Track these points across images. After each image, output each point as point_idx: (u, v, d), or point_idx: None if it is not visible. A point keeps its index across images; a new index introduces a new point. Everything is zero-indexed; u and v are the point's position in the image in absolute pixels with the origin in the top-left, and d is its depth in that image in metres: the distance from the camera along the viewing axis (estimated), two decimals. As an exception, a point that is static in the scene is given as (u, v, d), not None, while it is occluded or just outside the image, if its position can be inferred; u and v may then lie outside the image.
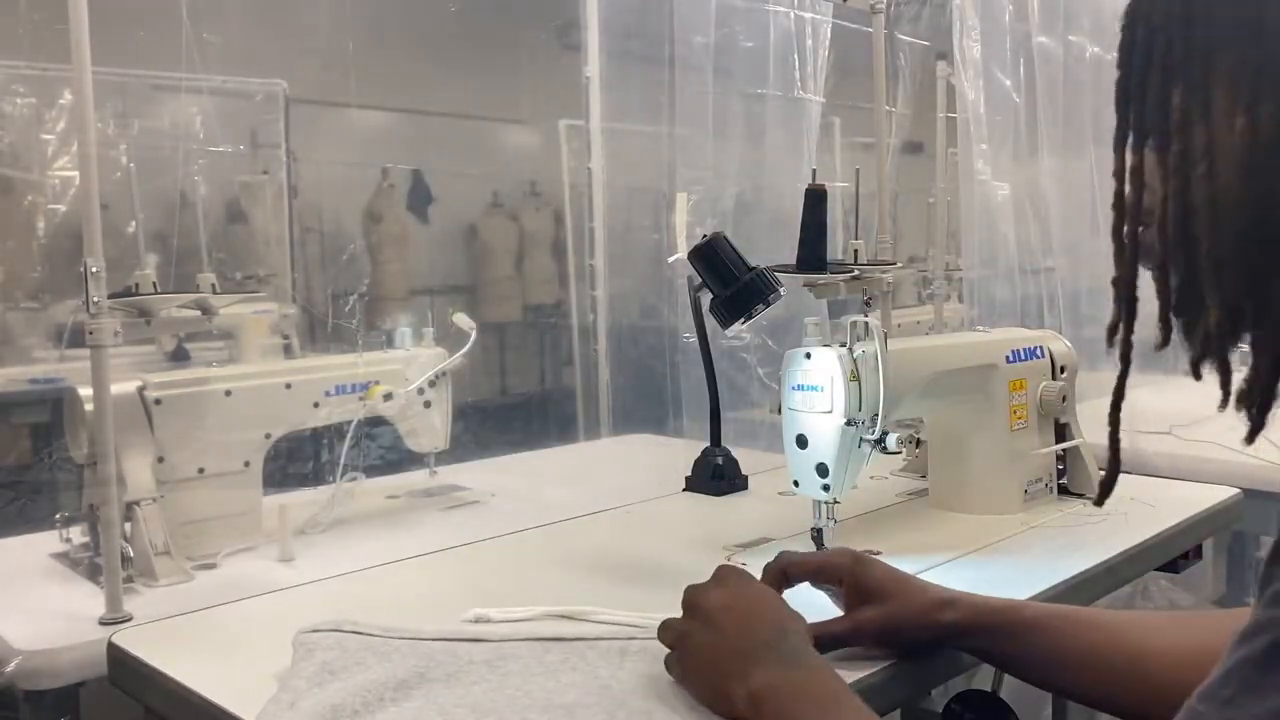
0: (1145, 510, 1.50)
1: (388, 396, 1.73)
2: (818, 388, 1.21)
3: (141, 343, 1.80)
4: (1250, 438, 0.62)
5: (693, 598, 0.89)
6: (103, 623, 1.29)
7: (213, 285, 1.61)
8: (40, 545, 1.60)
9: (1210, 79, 0.57)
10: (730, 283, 1.34)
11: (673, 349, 2.63)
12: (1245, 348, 0.62)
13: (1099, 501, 0.94)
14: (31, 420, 3.10)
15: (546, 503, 1.78)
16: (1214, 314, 0.60)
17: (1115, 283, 0.67)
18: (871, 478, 1.73)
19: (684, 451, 1.82)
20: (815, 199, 1.37)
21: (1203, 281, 0.60)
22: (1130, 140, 0.63)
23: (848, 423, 1.19)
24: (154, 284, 1.51)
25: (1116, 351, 0.69)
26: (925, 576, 1.01)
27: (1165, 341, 0.65)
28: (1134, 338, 0.68)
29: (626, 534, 1.49)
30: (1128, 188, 0.63)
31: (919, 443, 1.70)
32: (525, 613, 1.06)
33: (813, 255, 1.36)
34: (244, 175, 4.04)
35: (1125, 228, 0.64)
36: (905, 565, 1.02)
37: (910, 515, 1.52)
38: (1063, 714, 1.53)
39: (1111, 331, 0.69)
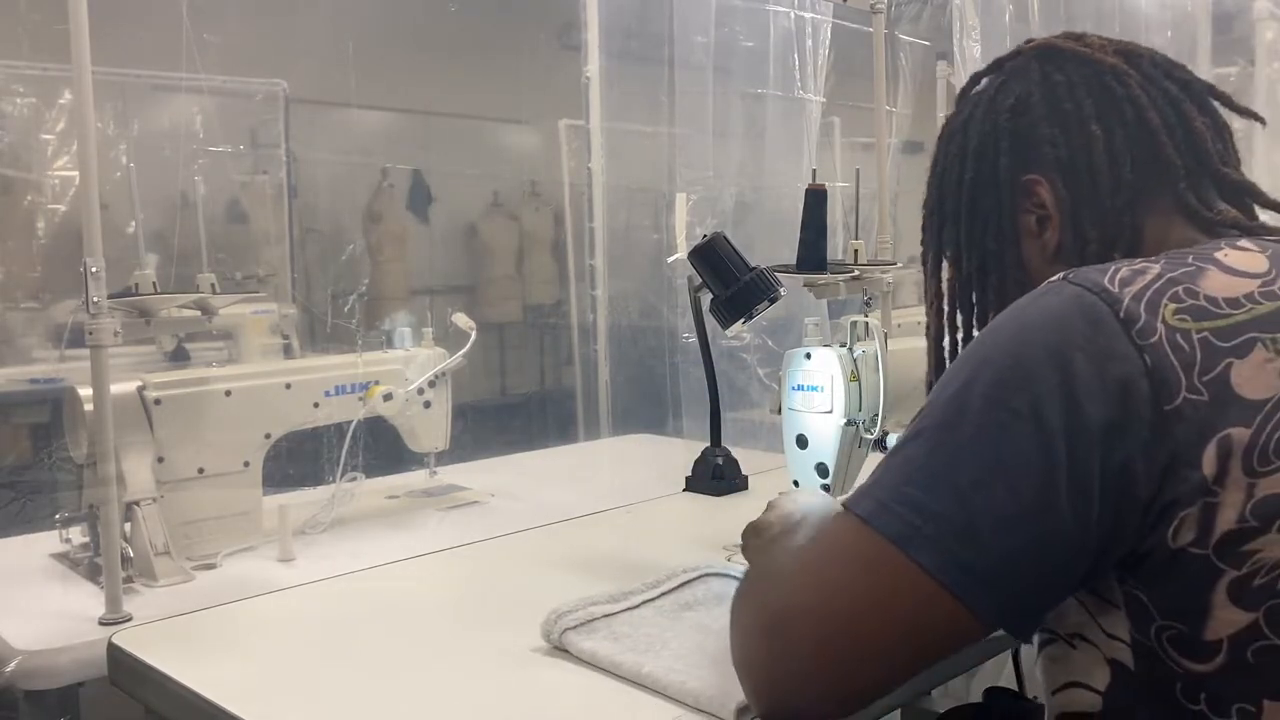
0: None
1: (388, 396, 1.73)
2: (818, 388, 1.21)
3: (141, 343, 1.79)
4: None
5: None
6: (103, 623, 1.29)
7: (213, 285, 1.61)
8: (40, 545, 1.60)
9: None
10: (730, 283, 1.34)
11: (673, 349, 2.63)
12: None
13: None
14: (31, 420, 3.09)
15: (546, 503, 1.78)
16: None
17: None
18: (871, 478, 1.72)
19: (684, 451, 1.82)
20: (815, 199, 1.37)
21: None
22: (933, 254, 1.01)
23: (848, 423, 1.19)
24: (154, 284, 1.51)
25: None
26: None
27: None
28: None
29: (626, 534, 1.49)
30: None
31: (919, 443, 1.70)
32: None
33: (813, 255, 1.36)
34: (244, 175, 4.04)
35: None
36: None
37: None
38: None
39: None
